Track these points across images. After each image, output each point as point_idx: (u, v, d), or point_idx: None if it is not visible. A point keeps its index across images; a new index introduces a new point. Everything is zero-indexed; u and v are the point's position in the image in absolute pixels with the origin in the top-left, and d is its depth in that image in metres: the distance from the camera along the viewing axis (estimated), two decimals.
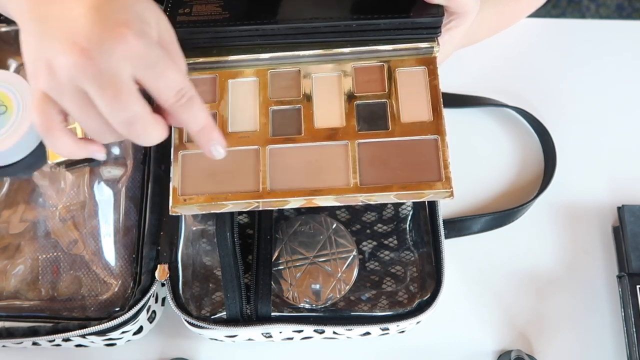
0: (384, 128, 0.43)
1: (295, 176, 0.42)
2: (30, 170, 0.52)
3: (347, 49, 0.44)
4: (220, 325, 0.48)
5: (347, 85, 0.44)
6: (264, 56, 0.44)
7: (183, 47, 0.41)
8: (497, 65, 0.67)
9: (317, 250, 0.51)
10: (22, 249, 0.51)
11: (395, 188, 0.42)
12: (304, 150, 0.43)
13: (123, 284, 0.50)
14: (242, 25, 0.43)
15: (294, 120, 0.44)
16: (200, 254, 0.52)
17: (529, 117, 0.64)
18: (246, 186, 0.42)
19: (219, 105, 0.44)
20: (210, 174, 0.43)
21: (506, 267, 0.58)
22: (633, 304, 0.54)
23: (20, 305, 0.49)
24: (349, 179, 0.42)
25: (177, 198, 0.43)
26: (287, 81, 0.44)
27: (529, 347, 0.56)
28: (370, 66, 0.44)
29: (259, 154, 0.43)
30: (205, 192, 0.42)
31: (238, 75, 0.45)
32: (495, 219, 0.58)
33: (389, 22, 0.42)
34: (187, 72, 0.39)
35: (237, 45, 0.44)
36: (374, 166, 0.42)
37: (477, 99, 0.64)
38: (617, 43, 0.68)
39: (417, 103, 0.43)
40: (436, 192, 0.41)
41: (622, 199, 0.60)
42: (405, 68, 0.44)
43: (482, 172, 0.62)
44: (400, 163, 0.42)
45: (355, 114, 0.43)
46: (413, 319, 0.49)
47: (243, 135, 0.43)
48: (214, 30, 0.43)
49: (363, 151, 0.43)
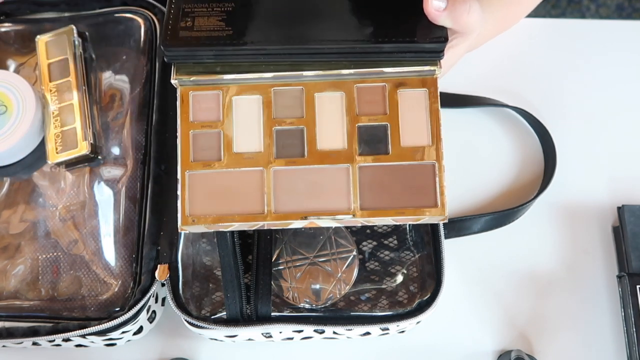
0: (384, 152, 0.44)
1: (299, 197, 0.44)
2: (30, 170, 0.52)
3: (351, 70, 0.44)
4: (220, 325, 0.48)
5: (350, 106, 0.44)
6: (267, 75, 0.44)
7: (185, 64, 0.42)
8: (497, 65, 0.67)
9: (317, 250, 0.51)
10: (22, 249, 0.51)
11: (393, 213, 0.43)
12: (307, 172, 0.44)
13: (123, 284, 0.50)
14: (246, 45, 0.43)
15: (297, 140, 0.44)
16: (200, 254, 0.52)
17: (529, 117, 0.64)
18: (252, 207, 0.44)
19: (223, 124, 0.44)
20: (216, 194, 0.44)
21: (506, 267, 0.58)
22: (633, 304, 0.54)
23: (20, 305, 0.49)
24: (350, 203, 0.43)
25: (186, 218, 0.44)
26: (290, 100, 0.45)
27: (529, 347, 0.56)
28: (373, 87, 0.45)
29: (263, 176, 0.44)
30: (213, 213, 0.44)
31: (241, 92, 0.45)
32: (495, 219, 0.58)
33: (393, 46, 0.43)
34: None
35: (240, 63, 0.44)
36: (373, 190, 0.44)
37: (477, 99, 0.64)
38: (617, 43, 0.68)
39: (417, 127, 0.44)
40: (431, 217, 0.43)
41: (622, 199, 0.60)
42: (407, 90, 0.44)
43: (482, 172, 0.62)
44: (398, 187, 0.43)
45: (357, 136, 0.44)
46: (413, 319, 0.49)
47: (248, 156, 0.44)
48: (217, 49, 0.43)
49: (363, 175, 0.44)
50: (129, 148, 0.53)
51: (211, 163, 0.44)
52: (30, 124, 0.51)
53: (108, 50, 0.55)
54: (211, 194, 0.44)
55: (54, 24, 0.56)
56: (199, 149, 0.44)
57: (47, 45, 0.54)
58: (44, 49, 0.54)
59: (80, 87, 0.53)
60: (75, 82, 0.53)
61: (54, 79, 0.53)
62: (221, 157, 0.44)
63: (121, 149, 0.53)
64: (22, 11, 0.57)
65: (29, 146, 0.52)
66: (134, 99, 0.54)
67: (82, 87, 0.53)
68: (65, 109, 0.52)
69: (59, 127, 0.52)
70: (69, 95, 0.52)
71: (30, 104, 0.51)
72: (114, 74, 0.55)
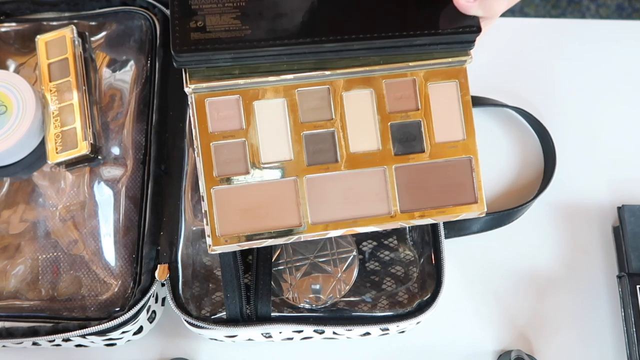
0: (420, 150, 0.42)
1: (335, 206, 0.41)
2: (30, 170, 0.52)
3: (378, 66, 0.41)
4: (220, 325, 0.48)
5: (380, 103, 0.42)
6: (289, 77, 0.41)
7: (198, 70, 0.38)
8: (497, 65, 0.67)
9: (317, 251, 0.51)
10: (22, 249, 0.51)
11: (433, 213, 0.42)
12: (341, 177, 0.41)
13: (123, 284, 0.50)
14: (268, 47, 0.39)
15: (328, 145, 0.41)
16: (200, 253, 0.52)
17: (529, 117, 0.64)
18: (287, 220, 0.41)
19: (247, 133, 0.41)
20: (247, 209, 0.41)
21: (506, 267, 0.58)
22: (633, 304, 0.54)
23: (20, 305, 0.49)
24: (389, 207, 0.41)
25: (217, 240, 0.41)
26: (316, 101, 0.41)
27: (529, 347, 0.56)
28: (402, 81, 0.42)
29: (296, 186, 0.41)
30: (245, 230, 0.41)
31: (263, 96, 0.41)
32: (495, 219, 0.58)
33: (425, 39, 0.40)
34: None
35: (260, 64, 0.40)
36: (411, 191, 0.42)
37: (477, 99, 0.64)
38: (617, 43, 0.68)
39: (450, 121, 0.42)
40: (470, 214, 0.42)
41: (622, 199, 0.60)
42: (437, 82, 0.42)
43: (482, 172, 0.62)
44: (436, 186, 0.42)
45: (390, 135, 0.42)
46: (413, 319, 0.49)
47: (278, 165, 0.41)
48: (235, 52, 0.39)
49: (400, 176, 0.42)
50: (129, 148, 0.53)
51: (238, 177, 0.41)
52: (30, 124, 0.51)
53: (108, 50, 0.55)
54: (242, 210, 0.40)
55: (54, 23, 0.56)
56: (223, 162, 0.41)
57: (47, 45, 0.54)
58: (43, 49, 0.54)
59: (80, 87, 0.53)
60: (75, 82, 0.53)
61: (54, 79, 0.53)
62: (248, 169, 0.41)
63: (121, 149, 0.53)
64: (22, 11, 0.57)
65: (29, 146, 0.52)
66: (133, 99, 0.54)
67: (82, 87, 0.53)
68: (65, 109, 0.52)
69: (59, 127, 0.52)
70: (68, 95, 0.52)
71: (30, 104, 0.51)
72: (114, 73, 0.55)
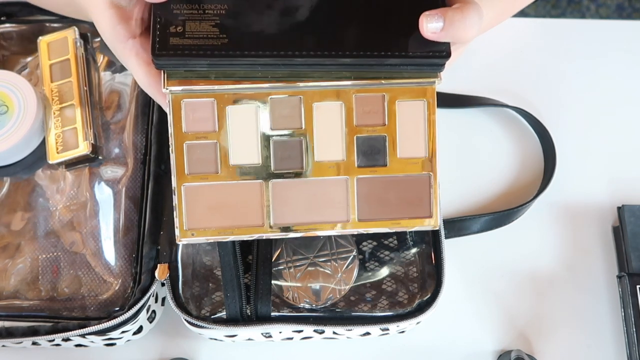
0: (382, 164, 0.44)
1: (298, 210, 0.43)
2: (30, 170, 0.52)
3: (350, 81, 0.43)
4: (220, 325, 0.48)
5: (349, 116, 0.44)
6: (264, 85, 0.42)
7: (176, 73, 0.40)
8: (497, 65, 0.67)
9: (317, 251, 0.51)
10: (22, 248, 0.51)
11: (389, 224, 0.44)
12: (305, 184, 0.43)
13: (123, 284, 0.50)
14: (242, 57, 0.40)
15: (296, 152, 0.43)
16: (200, 253, 0.52)
17: (529, 117, 0.64)
18: (250, 220, 0.43)
19: (219, 135, 0.43)
20: (214, 207, 0.43)
21: (506, 267, 0.58)
22: (633, 304, 0.54)
23: (20, 305, 0.49)
24: (348, 215, 0.43)
25: (184, 232, 0.43)
26: (288, 109, 0.43)
27: (529, 347, 0.56)
28: (371, 96, 0.44)
29: (262, 189, 0.43)
30: (212, 226, 0.43)
31: (237, 101, 0.43)
32: (495, 219, 0.58)
33: (395, 60, 0.41)
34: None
35: (235, 71, 0.42)
36: (370, 202, 0.44)
37: (477, 99, 0.64)
38: (617, 43, 0.68)
39: (414, 138, 0.44)
40: (423, 227, 0.44)
41: (622, 199, 0.60)
42: (406, 100, 0.44)
43: (482, 172, 0.62)
44: (394, 199, 0.44)
45: (355, 148, 0.43)
46: (413, 319, 0.49)
47: (245, 169, 0.43)
48: (211, 59, 0.40)
49: (361, 187, 0.44)
50: (129, 148, 0.53)
51: (208, 176, 0.43)
52: (31, 124, 0.51)
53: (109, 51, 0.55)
54: (209, 207, 0.43)
55: (56, 25, 0.56)
56: (194, 161, 0.43)
57: (49, 47, 0.54)
58: (45, 50, 0.54)
59: (81, 87, 0.53)
60: (77, 83, 0.53)
61: (56, 79, 0.53)
62: (218, 169, 0.43)
63: (121, 149, 0.53)
64: (24, 13, 0.58)
65: (30, 146, 0.52)
66: (134, 99, 0.54)
67: (84, 88, 0.53)
68: (66, 110, 0.52)
69: (60, 128, 0.52)
70: (70, 95, 0.52)
71: (31, 104, 0.51)
72: (115, 74, 0.55)
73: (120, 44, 0.40)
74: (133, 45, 0.40)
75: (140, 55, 0.40)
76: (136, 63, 0.40)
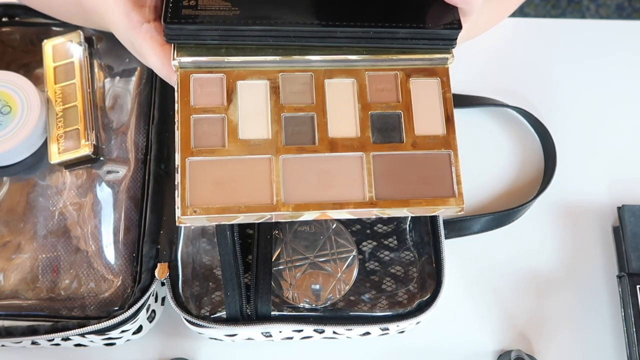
0: (398, 140, 0.42)
1: (309, 187, 0.41)
2: (32, 171, 0.52)
3: (362, 56, 0.42)
4: (220, 324, 0.48)
5: (361, 93, 0.43)
6: (274, 58, 0.42)
7: (188, 44, 0.40)
8: (497, 65, 0.67)
9: (317, 250, 0.51)
10: (22, 248, 0.51)
11: (410, 203, 0.41)
12: (318, 160, 0.42)
13: (123, 283, 0.50)
14: (254, 25, 0.40)
15: (307, 128, 0.42)
16: (200, 252, 0.52)
17: (529, 117, 0.64)
18: (259, 198, 0.41)
19: (227, 110, 0.42)
20: (220, 183, 0.41)
21: (506, 267, 0.58)
22: (633, 304, 0.54)
23: (19, 304, 0.49)
24: (364, 193, 0.41)
25: (185, 209, 0.40)
26: (299, 86, 0.43)
27: (529, 347, 0.56)
28: (384, 75, 0.43)
29: (271, 164, 0.41)
30: (216, 203, 0.40)
31: (247, 77, 0.42)
32: (495, 219, 0.58)
33: (407, 32, 0.41)
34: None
35: (247, 45, 0.42)
36: (388, 180, 0.42)
37: (477, 99, 0.64)
38: (617, 43, 0.68)
39: (430, 115, 0.43)
40: (448, 208, 0.42)
41: (622, 199, 0.60)
42: (419, 79, 0.43)
43: (482, 172, 0.62)
44: (414, 177, 0.42)
45: (370, 124, 0.42)
46: (413, 319, 0.49)
47: (255, 143, 0.41)
48: (223, 29, 0.40)
49: (378, 164, 0.42)
50: (130, 148, 0.53)
51: (214, 150, 0.41)
52: (34, 125, 0.51)
53: (112, 53, 0.55)
54: (214, 183, 0.41)
55: (61, 28, 0.57)
56: (201, 134, 0.41)
57: (53, 49, 0.55)
58: (50, 52, 0.55)
59: (85, 89, 0.53)
60: (81, 85, 0.53)
61: (59, 81, 0.54)
62: (225, 143, 0.41)
63: (123, 150, 0.53)
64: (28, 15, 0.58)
65: (32, 147, 0.52)
66: (136, 101, 0.54)
67: (87, 90, 0.53)
68: (69, 111, 0.53)
69: (62, 128, 0.52)
70: (73, 97, 0.53)
71: (34, 105, 0.52)
72: (118, 76, 0.55)
73: (134, 30, 0.41)
74: (148, 29, 0.41)
75: (155, 38, 0.40)
76: (150, 46, 0.41)
